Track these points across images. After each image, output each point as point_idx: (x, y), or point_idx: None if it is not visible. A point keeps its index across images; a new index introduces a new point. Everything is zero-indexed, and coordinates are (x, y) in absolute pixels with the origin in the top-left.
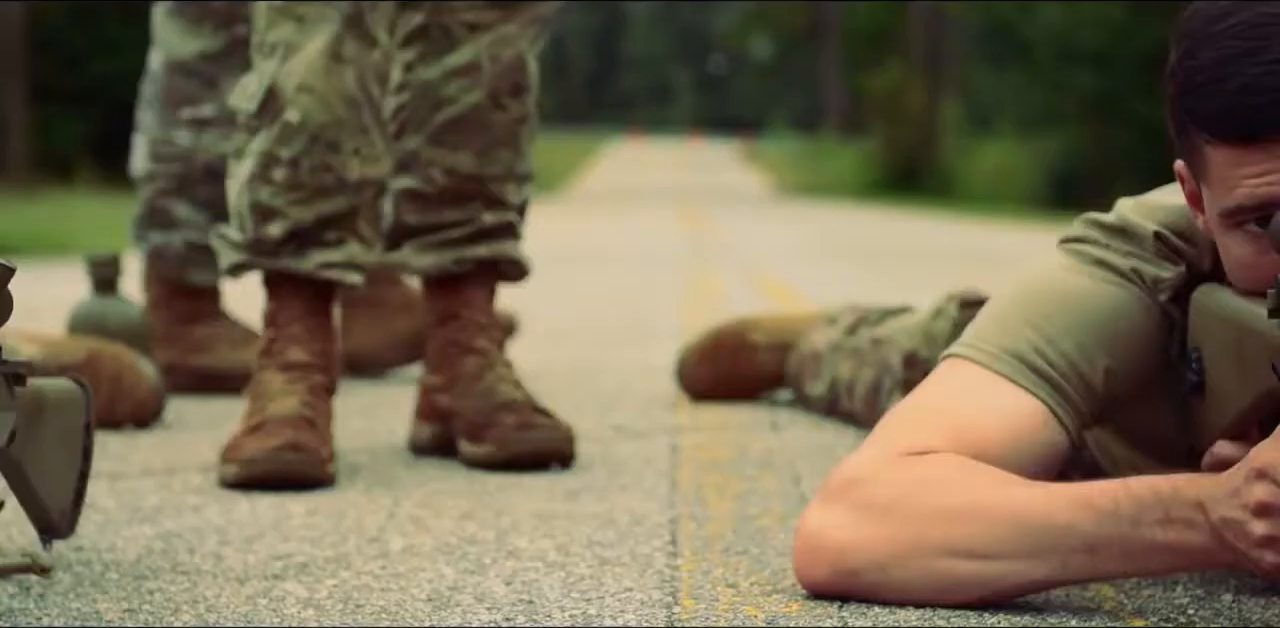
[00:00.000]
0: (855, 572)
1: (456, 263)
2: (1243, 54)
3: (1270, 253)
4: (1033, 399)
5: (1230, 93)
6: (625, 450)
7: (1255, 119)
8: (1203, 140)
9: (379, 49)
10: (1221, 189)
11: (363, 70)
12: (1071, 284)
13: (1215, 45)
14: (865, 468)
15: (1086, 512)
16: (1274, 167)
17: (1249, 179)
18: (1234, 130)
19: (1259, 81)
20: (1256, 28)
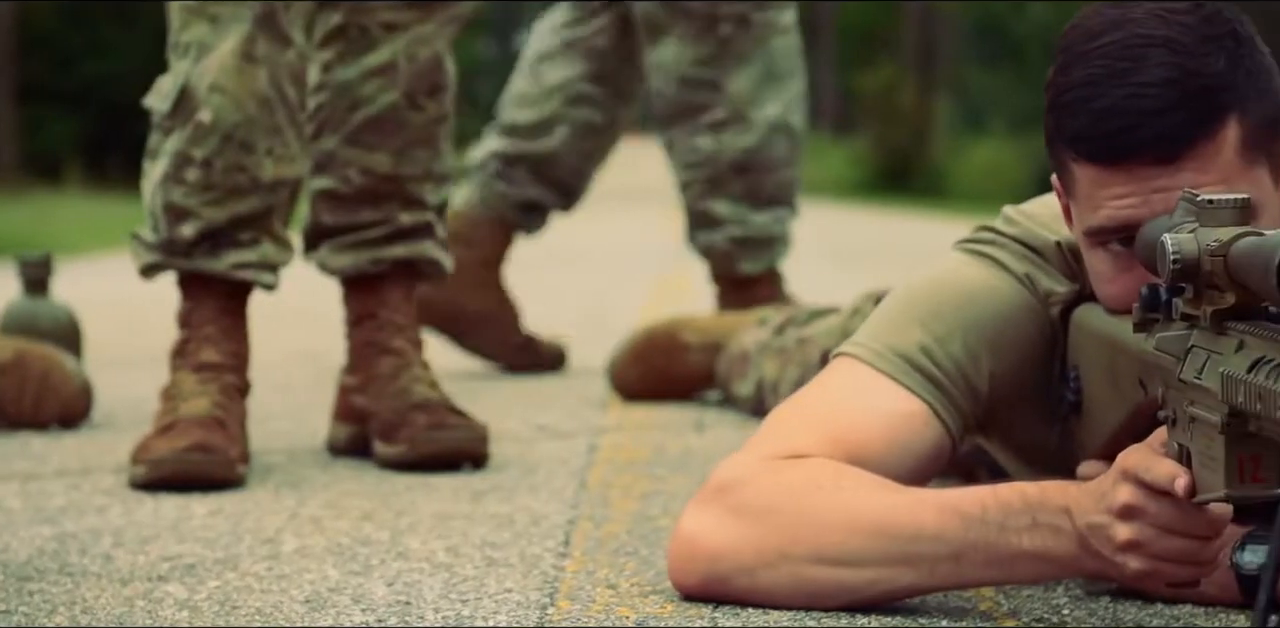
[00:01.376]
0: (726, 577)
1: (373, 263)
2: (1111, 75)
3: (1132, 270)
4: (916, 400)
5: (1095, 113)
6: (543, 451)
7: (1117, 142)
8: (1069, 158)
9: (294, 49)
10: (1086, 208)
11: (276, 70)
12: (964, 285)
13: (1086, 64)
14: (739, 471)
15: (954, 518)
16: (1135, 189)
17: (1111, 200)
18: (1097, 151)
19: (1124, 104)
20: (1128, 49)
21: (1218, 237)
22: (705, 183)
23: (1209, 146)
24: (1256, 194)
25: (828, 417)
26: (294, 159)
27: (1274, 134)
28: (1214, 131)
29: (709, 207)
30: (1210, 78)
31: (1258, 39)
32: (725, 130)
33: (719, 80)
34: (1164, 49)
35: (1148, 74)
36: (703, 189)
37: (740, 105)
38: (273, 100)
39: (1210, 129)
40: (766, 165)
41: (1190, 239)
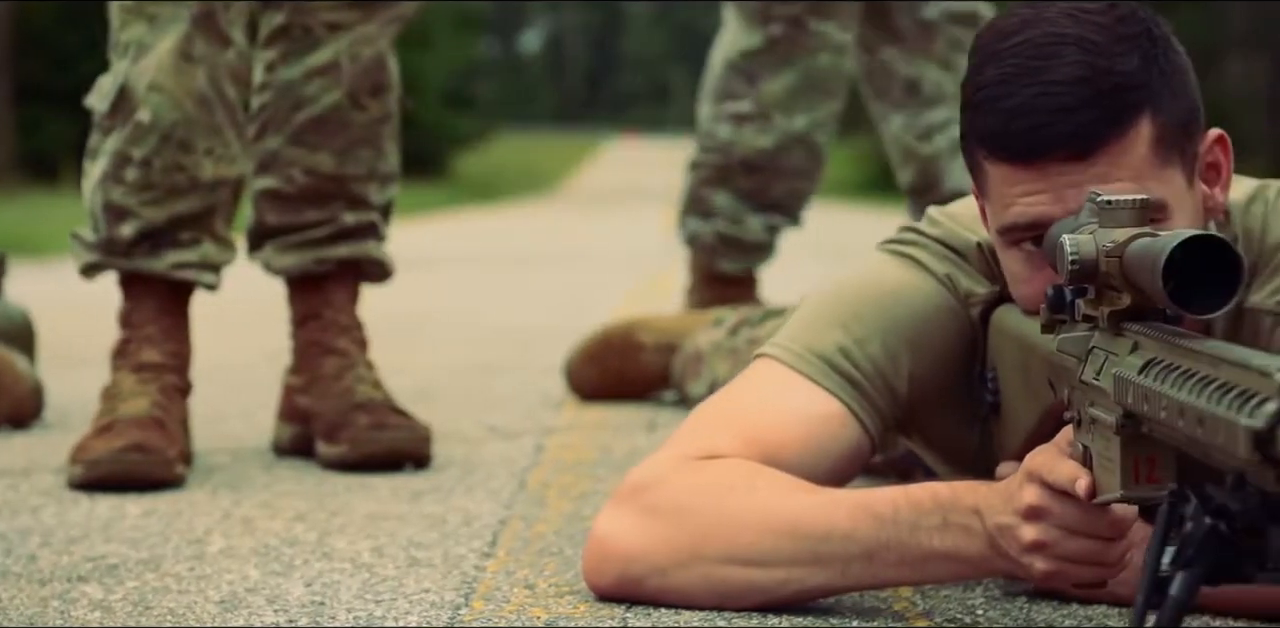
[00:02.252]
0: (639, 578)
1: (317, 263)
2: (1022, 73)
3: (1045, 270)
4: (834, 401)
5: (1006, 112)
6: (489, 451)
7: (1029, 139)
8: (983, 157)
9: (234, 49)
10: (999, 206)
11: (215, 69)
12: (885, 286)
13: (999, 63)
14: (654, 471)
15: (866, 518)
16: (1046, 187)
17: (1023, 198)
18: (1009, 149)
19: (1033, 102)
20: (1040, 47)
21: (1114, 237)
22: (713, 170)
23: (1120, 145)
24: (1168, 194)
25: (745, 418)
26: (234, 159)
27: (1187, 134)
28: (1125, 130)
29: (709, 195)
30: (1122, 76)
31: (1173, 39)
32: (746, 125)
33: (755, 75)
34: (1075, 47)
35: (1059, 72)
36: (708, 175)
37: (767, 106)
38: (211, 100)
39: (1121, 127)
40: (778, 171)
41: (1089, 240)
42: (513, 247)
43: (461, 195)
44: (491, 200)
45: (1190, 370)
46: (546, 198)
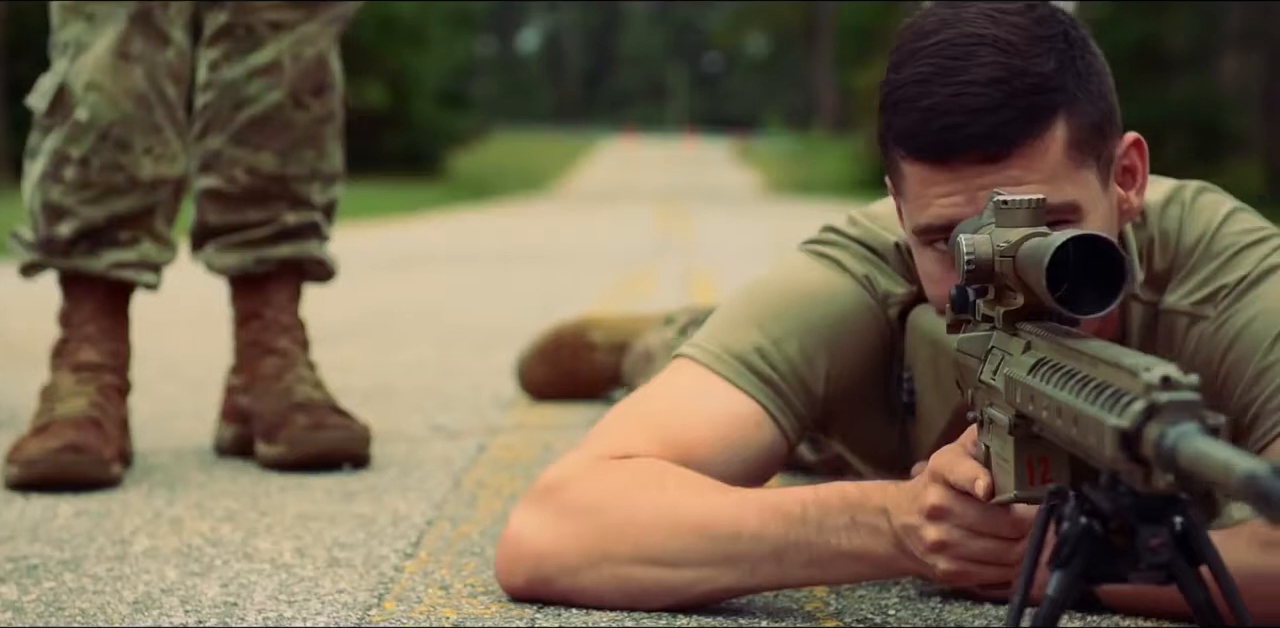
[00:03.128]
0: (550, 578)
1: (258, 263)
2: (939, 73)
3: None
4: (750, 401)
5: (922, 111)
6: (431, 451)
7: (943, 139)
8: (899, 156)
9: (173, 48)
10: (915, 206)
11: (153, 68)
12: (803, 286)
13: (916, 63)
14: (567, 471)
15: (774, 518)
16: (961, 187)
17: (938, 199)
18: (924, 149)
19: (949, 102)
20: (957, 48)
21: (1009, 237)
22: None
23: (1035, 146)
24: (1082, 196)
25: (660, 418)
26: (175, 158)
27: (1102, 137)
28: (1040, 131)
29: None
30: (1038, 77)
31: (1091, 42)
32: None
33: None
34: (992, 48)
35: (975, 73)
36: None
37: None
38: (150, 98)
39: (1036, 128)
40: None
41: (985, 240)
42: (498, 245)
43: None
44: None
45: (1072, 370)
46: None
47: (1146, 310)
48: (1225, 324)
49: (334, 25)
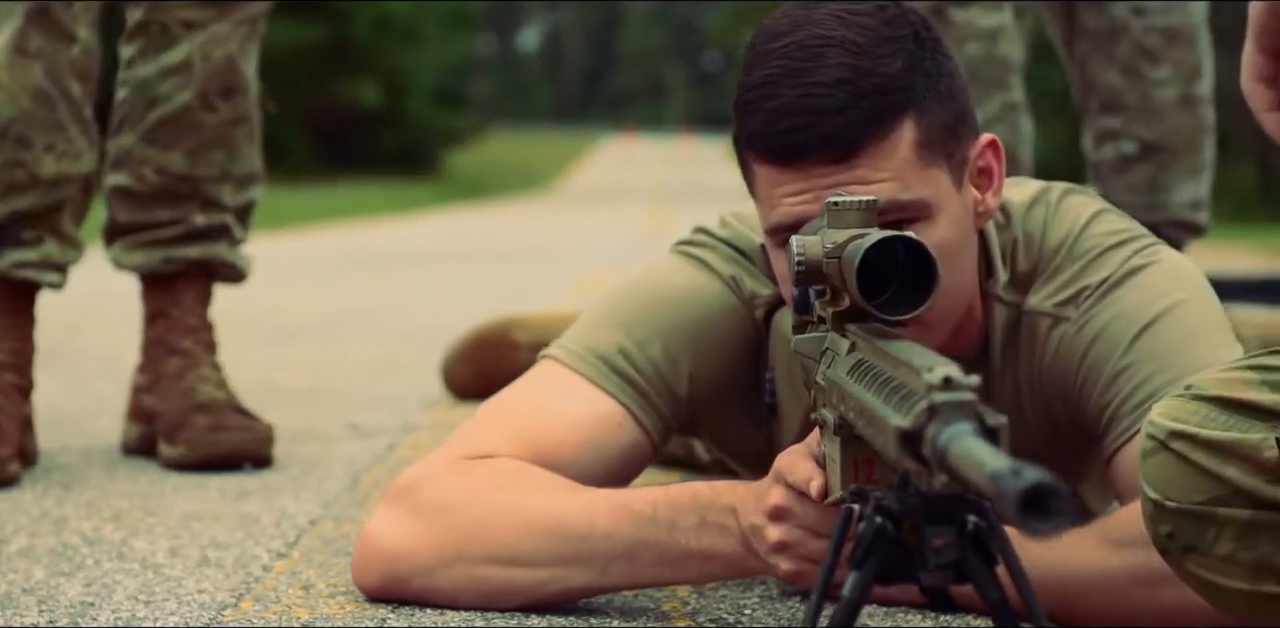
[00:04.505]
0: (405, 578)
1: (165, 262)
2: (787, 75)
3: None
4: (612, 402)
5: (769, 112)
6: (340, 450)
7: (790, 140)
8: (750, 157)
9: (78, 45)
10: (766, 207)
11: (54, 65)
12: (670, 287)
13: (766, 64)
14: (425, 471)
15: (625, 518)
16: (807, 187)
17: (787, 198)
18: (772, 150)
19: (797, 103)
20: (805, 49)
21: (836, 239)
22: None
23: (881, 146)
24: (932, 194)
25: (521, 418)
26: (79, 155)
27: (955, 137)
28: (886, 131)
29: None
30: (884, 78)
31: (944, 43)
32: None
33: None
34: (840, 49)
35: (822, 74)
36: None
37: None
38: (52, 95)
39: (882, 129)
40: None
41: (815, 241)
42: (484, 245)
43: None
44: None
45: (879, 372)
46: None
47: (1010, 312)
48: (1086, 326)
49: (245, 27)
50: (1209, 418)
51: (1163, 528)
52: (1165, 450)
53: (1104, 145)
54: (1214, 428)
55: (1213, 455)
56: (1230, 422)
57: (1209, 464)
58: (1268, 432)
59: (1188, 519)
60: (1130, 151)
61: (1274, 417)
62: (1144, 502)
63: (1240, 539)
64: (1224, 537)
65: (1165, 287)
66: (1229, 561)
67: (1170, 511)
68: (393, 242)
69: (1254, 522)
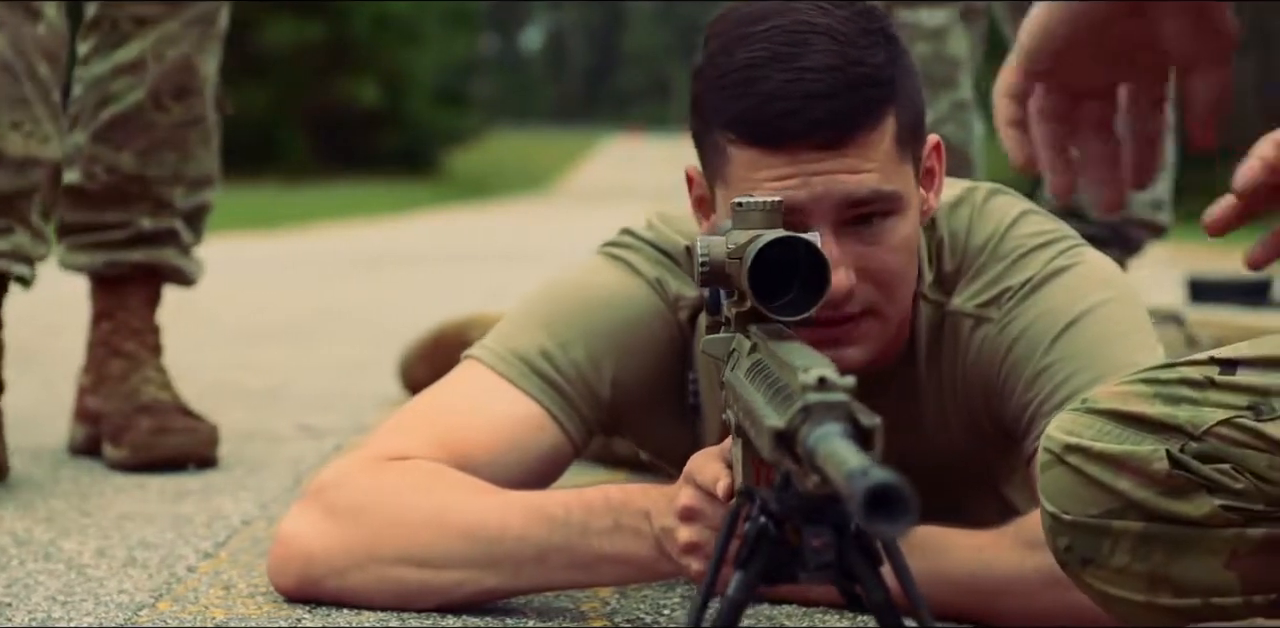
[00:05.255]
0: (319, 578)
1: (109, 266)
2: (774, 59)
3: None
4: (533, 404)
5: (759, 96)
6: (287, 450)
7: (782, 125)
8: (726, 141)
9: (45, 24)
10: (740, 191)
11: (19, 39)
12: (593, 289)
13: (749, 47)
14: (341, 472)
15: (539, 520)
16: (794, 172)
17: (770, 182)
18: (760, 134)
19: (786, 87)
20: (791, 34)
21: (739, 239)
22: None
23: (872, 135)
24: (906, 188)
25: (440, 419)
26: (47, 139)
27: (917, 134)
28: (876, 122)
29: None
30: (873, 68)
31: (904, 42)
32: None
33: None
34: (826, 37)
35: (811, 59)
36: None
37: None
38: (16, 68)
39: (873, 119)
40: None
41: (720, 242)
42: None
43: (448, 193)
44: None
45: (769, 373)
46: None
47: (935, 311)
48: (1008, 326)
49: (198, 26)
50: (1103, 431)
51: (1061, 541)
52: (1061, 464)
53: None
54: (1107, 441)
55: (1106, 468)
56: (1123, 435)
57: (1103, 477)
58: (1158, 444)
59: (1084, 532)
60: None
61: (1165, 429)
62: (1043, 515)
63: (1135, 551)
64: (1119, 549)
65: (1088, 288)
66: (1125, 572)
67: (1067, 524)
68: (389, 241)
69: (1147, 534)
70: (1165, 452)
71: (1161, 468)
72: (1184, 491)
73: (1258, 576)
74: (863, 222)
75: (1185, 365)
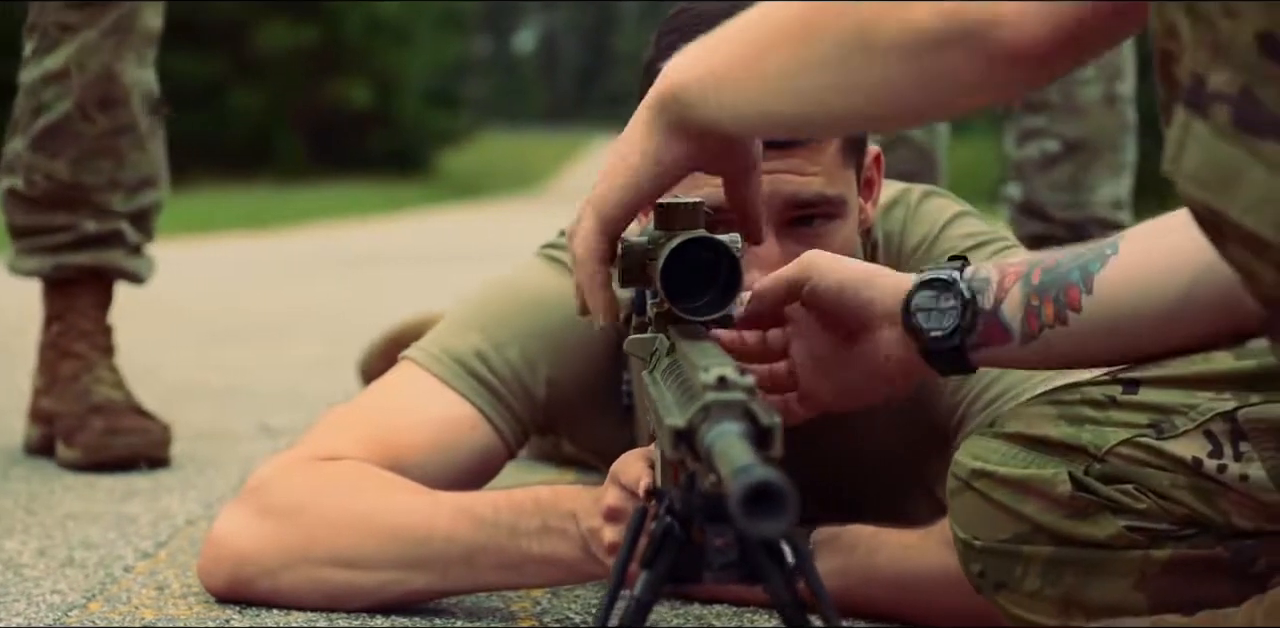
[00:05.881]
0: (250, 579)
1: (56, 269)
2: None
3: None
4: (466, 405)
5: None
6: (242, 450)
7: None
8: None
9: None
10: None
11: None
12: (530, 290)
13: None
14: (273, 472)
15: (466, 521)
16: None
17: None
18: None
19: None
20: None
21: (658, 240)
22: None
23: (819, 139)
24: (849, 194)
25: (373, 420)
26: None
27: (860, 143)
28: None
29: None
30: None
31: None
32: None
33: None
34: None
35: None
36: None
37: None
38: None
39: None
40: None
41: (640, 242)
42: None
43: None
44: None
45: (680, 372)
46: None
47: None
48: None
49: (114, 36)
50: (1009, 455)
51: (974, 567)
52: (969, 490)
53: (1027, 144)
54: (1012, 466)
55: (1012, 493)
56: (1028, 458)
57: (1009, 502)
58: (1061, 467)
59: (996, 557)
60: (1053, 150)
61: (1069, 451)
62: (956, 541)
63: (1045, 575)
64: (1030, 573)
65: None
66: (1037, 596)
67: (979, 549)
68: (376, 241)
69: (1056, 558)
70: (1068, 474)
71: (1065, 491)
72: (1088, 513)
73: (1165, 596)
74: (804, 223)
75: (1089, 385)
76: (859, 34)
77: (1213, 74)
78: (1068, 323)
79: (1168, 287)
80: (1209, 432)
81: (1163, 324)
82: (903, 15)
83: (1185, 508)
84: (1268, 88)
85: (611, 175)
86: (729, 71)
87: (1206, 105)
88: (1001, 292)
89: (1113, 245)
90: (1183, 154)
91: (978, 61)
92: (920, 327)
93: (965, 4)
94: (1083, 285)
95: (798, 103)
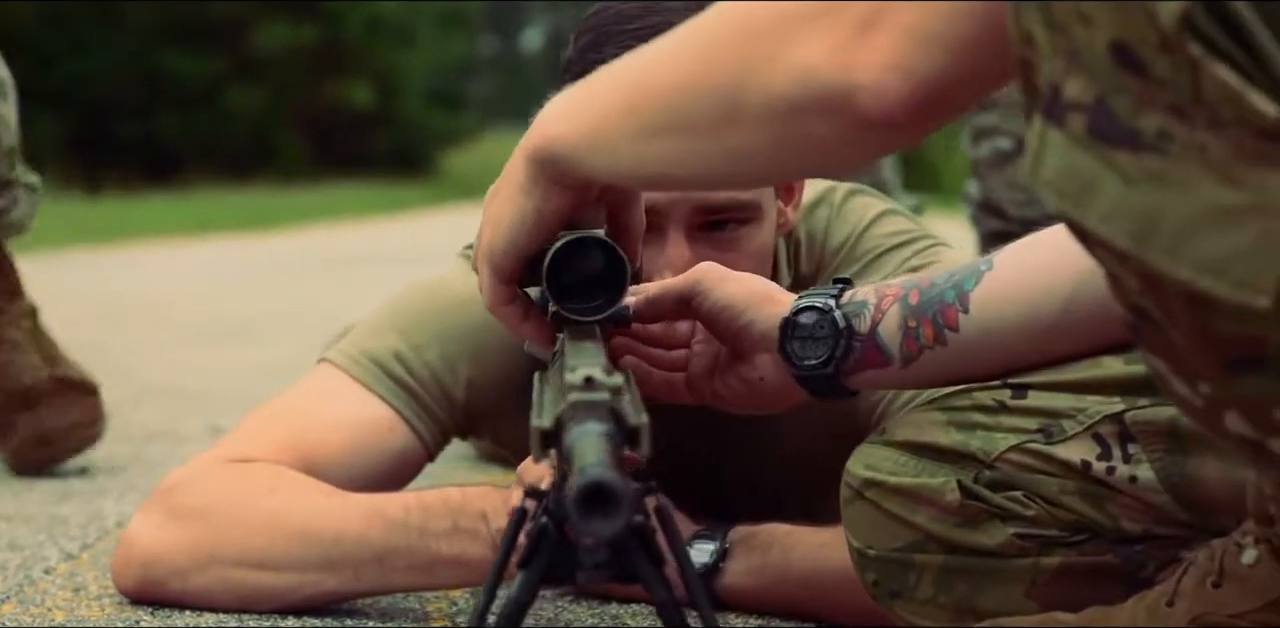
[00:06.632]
0: (161, 580)
1: None
2: None
3: None
4: (384, 407)
5: None
6: (184, 451)
7: None
8: None
9: None
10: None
11: None
12: (450, 292)
13: (618, 45)
14: (187, 473)
15: (378, 522)
16: None
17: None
18: None
19: None
20: (660, 34)
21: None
22: None
23: None
24: (765, 198)
25: (289, 422)
26: None
27: None
28: None
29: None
30: None
31: None
32: None
33: None
34: None
35: None
36: None
37: None
38: None
39: None
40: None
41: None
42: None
43: (444, 194)
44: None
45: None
46: None
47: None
48: None
49: None
50: (900, 464)
51: (869, 576)
52: (861, 499)
53: (981, 142)
54: (903, 474)
55: (903, 503)
56: (919, 467)
57: (901, 511)
58: (950, 475)
59: (889, 566)
60: (1006, 148)
61: (959, 458)
62: (850, 550)
63: (939, 583)
64: (924, 582)
65: None
66: (931, 604)
67: (872, 558)
68: (374, 242)
69: (949, 566)
70: (957, 483)
71: (954, 499)
72: (978, 521)
73: (1057, 603)
74: (718, 228)
75: (979, 390)
76: (723, 101)
77: (1069, 83)
78: (947, 343)
79: (1046, 298)
80: (1097, 435)
81: (1044, 335)
82: (764, 83)
83: (1074, 514)
84: (1120, 98)
85: (495, 226)
86: (598, 133)
87: (1063, 114)
88: (879, 314)
89: (988, 262)
90: (1041, 163)
91: (838, 129)
92: (794, 354)
93: (822, 72)
94: (959, 304)
95: (663, 164)
